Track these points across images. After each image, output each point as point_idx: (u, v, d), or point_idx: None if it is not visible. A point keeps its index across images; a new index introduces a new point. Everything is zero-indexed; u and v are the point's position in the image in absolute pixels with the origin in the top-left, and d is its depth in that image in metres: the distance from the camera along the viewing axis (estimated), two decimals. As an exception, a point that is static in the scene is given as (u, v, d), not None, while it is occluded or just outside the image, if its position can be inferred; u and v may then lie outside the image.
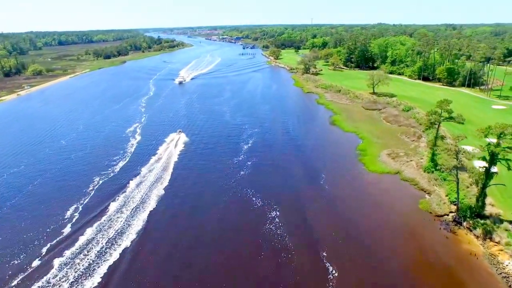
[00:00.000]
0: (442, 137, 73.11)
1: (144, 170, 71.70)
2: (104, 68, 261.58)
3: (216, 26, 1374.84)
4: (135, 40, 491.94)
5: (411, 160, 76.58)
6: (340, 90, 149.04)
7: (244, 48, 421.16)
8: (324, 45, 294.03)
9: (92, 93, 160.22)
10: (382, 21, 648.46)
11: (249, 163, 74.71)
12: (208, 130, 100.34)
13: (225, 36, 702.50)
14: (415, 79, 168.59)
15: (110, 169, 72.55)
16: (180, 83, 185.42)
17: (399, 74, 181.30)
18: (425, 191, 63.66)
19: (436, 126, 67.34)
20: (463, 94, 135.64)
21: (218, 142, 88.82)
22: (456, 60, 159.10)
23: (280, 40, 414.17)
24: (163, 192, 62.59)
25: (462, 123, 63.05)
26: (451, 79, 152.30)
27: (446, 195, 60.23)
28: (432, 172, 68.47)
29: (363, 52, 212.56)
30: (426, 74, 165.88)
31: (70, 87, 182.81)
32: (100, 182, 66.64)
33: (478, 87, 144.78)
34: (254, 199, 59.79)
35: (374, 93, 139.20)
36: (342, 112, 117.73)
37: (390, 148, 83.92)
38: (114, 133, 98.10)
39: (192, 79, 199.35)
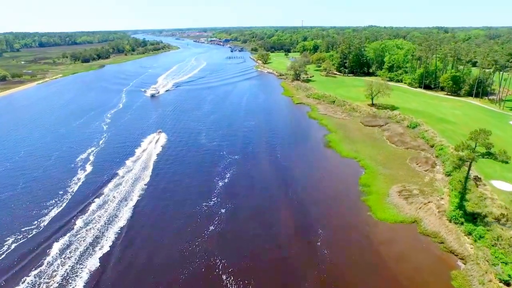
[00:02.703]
0: (476, 179, 56.40)
1: (79, 222, 53.57)
2: (78, 73, 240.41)
3: (205, 28, 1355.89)
4: (118, 42, 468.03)
5: (429, 202, 60.32)
6: (334, 101, 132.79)
7: (232, 51, 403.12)
8: (316, 48, 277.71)
9: (53, 105, 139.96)
10: (373, 24, 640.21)
11: (223, 210, 56.97)
12: (174, 156, 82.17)
13: (214, 38, 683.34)
14: (416, 88, 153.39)
15: (35, 222, 54.14)
16: (153, 96, 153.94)
17: (398, 81, 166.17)
18: (456, 255, 47.30)
19: (468, 164, 51.10)
20: (473, 106, 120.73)
21: (186, 177, 70.45)
22: (462, 67, 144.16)
23: (269, 42, 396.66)
24: (98, 265, 44.55)
25: (507, 163, 46.72)
26: (456, 88, 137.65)
27: (490, 263, 43.70)
28: (462, 223, 52.15)
29: (358, 57, 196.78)
30: (427, 82, 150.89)
31: (32, 96, 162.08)
32: (13, 246, 48.23)
33: (487, 97, 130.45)
34: (224, 277, 42.19)
35: (373, 105, 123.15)
36: (338, 130, 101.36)
37: (400, 183, 67.53)
38: (61, 161, 79.24)
39: (167, 90, 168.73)
